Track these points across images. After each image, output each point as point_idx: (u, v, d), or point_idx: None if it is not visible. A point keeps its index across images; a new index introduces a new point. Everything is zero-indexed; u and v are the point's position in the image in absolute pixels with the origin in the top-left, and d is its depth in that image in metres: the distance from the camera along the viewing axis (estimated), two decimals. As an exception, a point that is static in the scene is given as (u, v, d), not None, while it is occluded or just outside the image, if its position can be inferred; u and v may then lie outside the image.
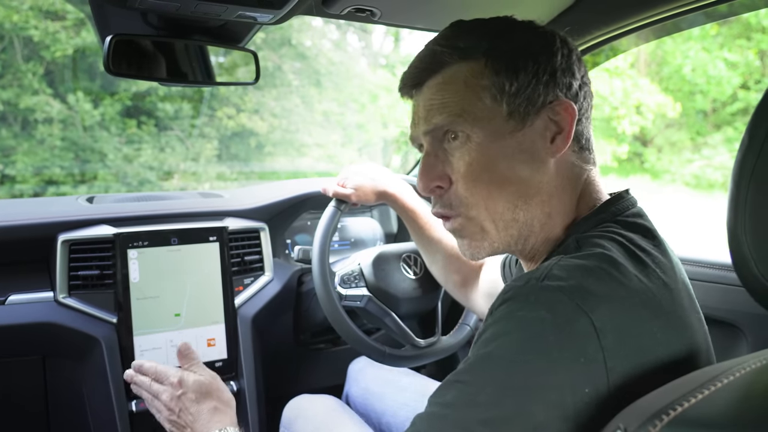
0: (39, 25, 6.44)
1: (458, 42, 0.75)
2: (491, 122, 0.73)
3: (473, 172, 0.74)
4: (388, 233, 1.95)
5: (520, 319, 0.59)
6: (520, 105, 0.72)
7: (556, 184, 0.75)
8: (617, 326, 0.58)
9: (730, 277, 1.23)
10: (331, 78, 8.67)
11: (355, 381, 1.53)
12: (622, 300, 0.60)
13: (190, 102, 7.41)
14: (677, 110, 9.38)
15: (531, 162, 0.73)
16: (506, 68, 0.72)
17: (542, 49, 0.74)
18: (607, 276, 0.61)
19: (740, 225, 0.53)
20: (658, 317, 0.61)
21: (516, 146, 0.73)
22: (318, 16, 1.23)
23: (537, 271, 0.63)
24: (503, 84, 0.72)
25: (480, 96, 0.73)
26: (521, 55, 0.73)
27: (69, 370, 1.43)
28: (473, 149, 0.73)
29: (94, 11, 1.19)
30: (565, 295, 0.58)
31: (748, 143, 0.53)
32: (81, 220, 1.42)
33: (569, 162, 0.76)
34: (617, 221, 0.72)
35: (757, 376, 0.50)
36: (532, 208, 0.74)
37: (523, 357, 0.56)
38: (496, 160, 0.73)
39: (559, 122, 0.73)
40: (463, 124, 0.73)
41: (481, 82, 0.73)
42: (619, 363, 0.56)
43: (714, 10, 1.14)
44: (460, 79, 0.74)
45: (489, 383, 0.57)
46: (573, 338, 0.56)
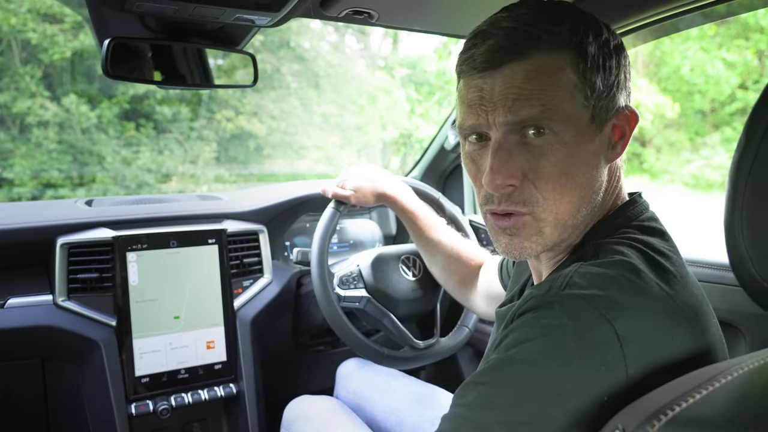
0: (37, 28, 6.43)
1: (551, 27, 0.68)
2: (578, 123, 0.68)
3: (555, 172, 0.69)
4: (386, 235, 1.96)
5: (543, 326, 0.59)
6: (602, 108, 0.70)
7: (604, 189, 0.74)
8: (640, 334, 0.58)
9: (728, 277, 1.23)
10: (330, 80, 8.67)
11: (343, 386, 1.52)
12: (644, 308, 0.60)
13: (189, 105, 7.41)
14: (676, 110, 9.39)
15: (597, 167, 0.71)
16: (597, 67, 0.69)
17: (621, 50, 0.72)
18: (629, 284, 0.61)
19: (737, 226, 0.54)
20: (679, 324, 0.61)
21: (593, 150, 0.70)
22: (316, 18, 1.23)
23: (558, 280, 0.63)
24: (595, 84, 0.69)
25: (572, 93, 0.68)
26: (608, 54, 0.70)
27: (68, 373, 1.43)
28: (560, 149, 0.68)
29: (92, 14, 1.19)
30: (588, 303, 0.58)
31: (745, 144, 0.53)
32: (80, 223, 1.43)
33: (616, 167, 0.76)
34: (633, 226, 0.72)
35: (754, 376, 0.50)
36: (587, 213, 0.73)
37: (545, 362, 0.57)
38: (577, 163, 0.69)
39: (623, 128, 0.72)
40: (554, 120, 0.67)
41: (573, 78, 0.68)
42: (639, 371, 0.56)
43: (712, 10, 1.14)
44: (553, 70, 0.67)
45: (509, 386, 0.57)
46: (595, 346, 0.56)
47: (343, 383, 1.53)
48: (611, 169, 0.75)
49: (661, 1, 1.15)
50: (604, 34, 0.70)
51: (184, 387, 1.45)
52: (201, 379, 1.47)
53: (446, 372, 1.98)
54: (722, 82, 9.12)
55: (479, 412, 0.58)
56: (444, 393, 1.37)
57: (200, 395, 1.44)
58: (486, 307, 1.27)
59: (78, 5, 5.21)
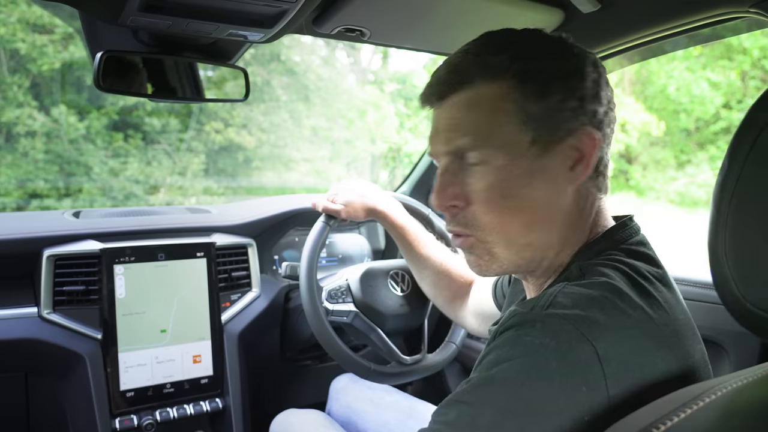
0: (26, 38, 6.40)
1: (488, 58, 0.72)
2: (514, 147, 0.70)
3: (491, 196, 0.72)
4: (375, 249, 1.96)
5: (524, 344, 0.59)
6: (545, 132, 0.70)
7: (573, 211, 0.74)
8: (621, 355, 0.58)
9: (712, 295, 1.25)
10: (320, 94, 8.69)
11: (336, 399, 1.52)
12: (626, 330, 0.60)
13: (179, 116, 7.39)
14: (661, 129, 9.51)
15: (550, 189, 0.72)
16: (535, 93, 0.70)
17: (573, 73, 0.72)
18: (612, 306, 0.61)
19: (721, 246, 0.55)
20: (661, 347, 0.62)
21: (536, 172, 0.71)
22: (308, 35, 1.24)
23: (541, 299, 0.63)
24: (530, 110, 0.70)
25: (506, 120, 0.70)
26: (551, 78, 0.71)
27: (52, 387, 1.41)
28: (493, 173, 0.71)
29: (85, 27, 1.19)
30: (570, 323, 0.59)
31: (728, 166, 0.54)
32: (67, 234, 1.41)
33: (586, 189, 0.75)
34: (621, 249, 0.72)
35: (738, 395, 0.50)
36: (548, 234, 0.73)
37: (525, 382, 0.57)
38: (515, 186, 0.71)
39: (582, 150, 0.72)
40: (486, 147, 0.71)
41: (508, 106, 0.70)
42: (620, 391, 0.57)
43: (697, 33, 1.17)
44: (486, 100, 0.71)
45: (490, 406, 0.58)
46: (576, 366, 0.57)
47: (336, 397, 1.52)
48: (582, 191, 0.75)
49: (646, 25, 1.17)
50: (549, 60, 0.72)
51: (170, 401, 1.43)
52: (187, 394, 1.45)
53: (433, 387, 1.98)
54: (707, 102, 9.26)
55: (459, 431, 0.59)
56: None
57: (186, 410, 1.43)
58: (476, 324, 1.27)
59: (69, 17, 5.20)
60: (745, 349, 1.21)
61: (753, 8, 0.97)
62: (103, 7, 1.00)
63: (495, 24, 1.23)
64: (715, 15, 1.05)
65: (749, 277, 0.52)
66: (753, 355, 1.21)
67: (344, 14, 1.14)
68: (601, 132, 0.73)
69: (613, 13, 1.16)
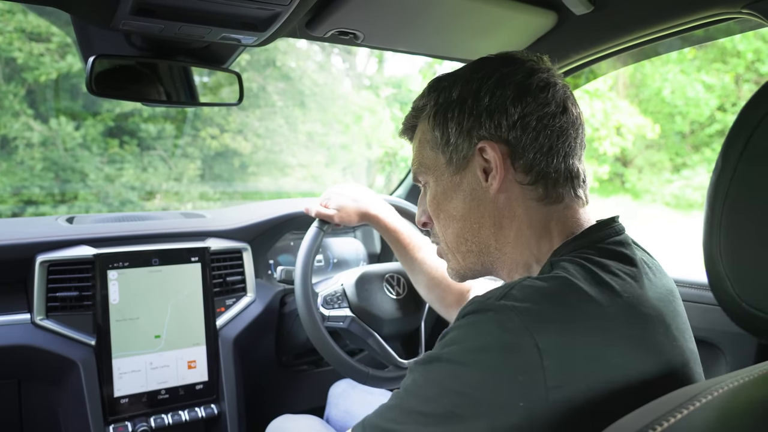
0: (23, 47, 6.39)
1: (419, 103, 0.88)
2: (437, 170, 0.85)
3: (433, 211, 0.87)
4: (371, 253, 1.95)
5: (473, 330, 0.64)
6: (453, 152, 0.82)
7: (504, 216, 0.80)
8: (564, 349, 0.60)
9: (708, 296, 1.25)
10: (315, 99, 8.70)
11: (335, 405, 1.51)
12: (573, 323, 0.62)
13: (173, 122, 7.38)
14: (656, 132, 9.55)
15: (471, 199, 0.82)
16: (438, 122, 0.83)
17: (469, 95, 0.80)
18: (562, 300, 0.64)
19: (716, 246, 0.54)
20: (614, 343, 0.63)
21: (457, 187, 0.83)
22: (302, 38, 1.24)
23: (500, 289, 0.67)
24: (436, 137, 0.83)
25: (430, 147, 0.85)
26: (450, 106, 0.81)
27: (45, 393, 1.40)
28: (430, 193, 0.87)
29: (78, 32, 1.19)
30: (516, 315, 0.62)
31: (722, 166, 0.54)
32: (60, 240, 1.41)
33: (517, 195, 0.79)
34: (596, 248, 0.73)
35: (735, 396, 0.50)
36: (483, 239, 0.83)
37: (466, 365, 0.61)
38: (444, 201, 0.85)
39: (491, 161, 0.78)
40: (422, 173, 0.88)
41: (427, 137, 0.85)
42: (562, 384, 0.59)
43: (691, 34, 1.17)
44: (421, 134, 0.87)
45: (433, 381, 0.63)
46: (515, 356, 0.60)
47: (335, 402, 1.52)
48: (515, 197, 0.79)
49: (639, 26, 1.17)
50: (452, 90, 0.82)
51: (165, 408, 1.42)
52: (182, 400, 1.44)
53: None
54: (702, 104, 9.31)
55: (407, 396, 0.65)
56: None
57: (181, 416, 1.42)
58: None
59: (66, 24, 5.19)
60: (742, 349, 1.21)
61: (745, 9, 0.98)
62: (95, 11, 0.99)
63: (489, 26, 1.24)
64: (707, 16, 1.06)
65: (744, 277, 0.52)
66: (749, 355, 1.21)
67: (338, 17, 1.14)
68: (510, 142, 0.78)
69: (606, 14, 1.16)
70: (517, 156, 0.77)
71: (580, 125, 0.81)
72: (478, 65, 0.83)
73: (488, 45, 1.32)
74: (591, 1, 1.12)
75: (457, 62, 1.45)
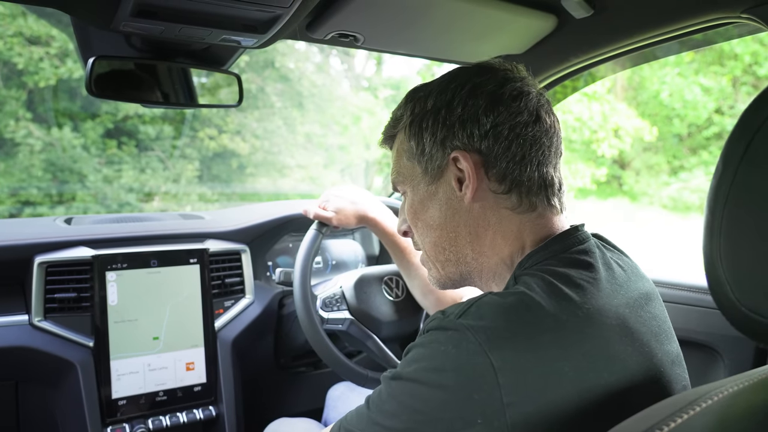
0: (23, 51, 6.38)
1: (398, 113, 0.89)
2: (414, 179, 0.86)
3: (411, 220, 0.89)
4: (369, 255, 1.95)
5: (432, 349, 0.65)
6: (428, 162, 0.83)
7: (479, 225, 0.81)
8: (518, 365, 0.61)
9: (707, 300, 1.25)
10: (314, 100, 8.70)
11: (334, 407, 1.51)
12: (528, 340, 0.63)
13: (172, 123, 7.38)
14: (654, 134, 9.56)
15: (447, 208, 0.82)
16: (414, 132, 0.84)
17: (443, 105, 0.81)
18: (517, 316, 0.64)
19: (716, 250, 0.54)
20: (570, 357, 0.63)
21: (432, 196, 0.84)
22: (302, 40, 1.24)
23: (460, 306, 0.67)
24: (412, 147, 0.85)
25: (407, 157, 0.86)
26: (425, 116, 0.82)
27: (43, 395, 1.39)
28: (408, 202, 0.89)
29: (77, 33, 1.19)
30: (472, 334, 0.63)
31: (723, 170, 0.54)
32: (58, 241, 1.40)
33: (491, 204, 0.80)
34: (559, 258, 0.73)
35: (734, 400, 0.50)
36: (460, 248, 0.83)
37: (424, 385, 0.63)
38: (421, 210, 0.86)
39: (464, 171, 0.79)
40: (400, 182, 0.89)
41: (404, 146, 0.86)
42: (518, 400, 0.60)
43: (689, 38, 1.17)
44: (399, 144, 0.89)
45: (395, 398, 0.66)
46: (470, 375, 0.61)
47: (333, 405, 1.51)
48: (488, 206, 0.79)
49: (637, 30, 1.18)
50: (427, 101, 0.83)
51: (163, 410, 1.42)
52: (180, 402, 1.44)
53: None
54: (699, 107, 9.32)
55: (373, 408, 0.68)
56: None
57: (179, 418, 1.42)
58: None
59: (66, 26, 5.18)
60: (740, 353, 1.21)
61: (744, 14, 0.98)
62: (95, 12, 0.99)
63: (488, 30, 1.24)
64: (706, 20, 1.06)
65: (744, 280, 0.52)
66: (748, 360, 1.21)
67: (338, 20, 1.14)
68: (483, 151, 0.78)
69: (606, 18, 1.16)
70: (490, 165, 0.78)
71: (555, 133, 0.81)
72: (452, 75, 0.84)
73: (488, 48, 1.32)
74: (591, 5, 1.12)
75: (457, 65, 1.45)
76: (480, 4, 1.13)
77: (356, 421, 0.70)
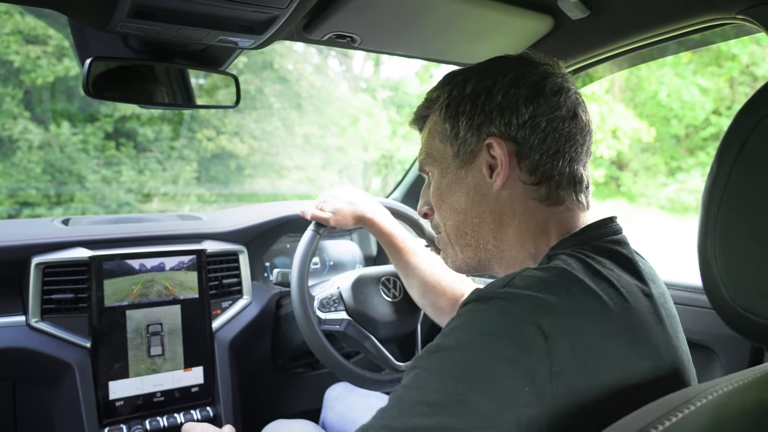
0: (20, 50, 6.37)
1: (433, 94, 0.89)
2: (444, 161, 0.86)
3: (436, 202, 0.89)
4: (367, 256, 1.95)
5: (475, 316, 0.64)
6: (461, 145, 0.83)
7: (504, 213, 0.81)
8: (567, 335, 0.60)
9: (702, 299, 1.25)
10: (312, 101, 8.70)
11: (331, 408, 1.51)
12: (575, 313, 0.63)
13: (170, 124, 7.37)
14: (652, 135, 9.57)
15: (474, 194, 0.83)
16: (450, 115, 0.84)
17: (483, 91, 0.81)
18: (564, 290, 0.64)
19: (710, 250, 0.55)
20: (614, 338, 0.63)
21: (461, 181, 0.84)
22: (299, 41, 1.24)
23: (502, 279, 0.67)
24: (446, 129, 0.85)
25: (440, 139, 0.86)
26: (463, 100, 0.82)
27: (40, 396, 1.39)
28: (434, 184, 0.88)
29: (75, 34, 1.19)
30: (521, 301, 0.62)
31: (717, 171, 0.54)
32: (56, 242, 1.40)
33: (519, 194, 0.80)
34: (592, 245, 0.74)
35: (729, 399, 0.50)
36: (482, 235, 0.84)
37: (470, 351, 0.61)
38: (447, 193, 0.86)
39: (497, 158, 0.79)
40: (429, 163, 0.89)
41: (436, 128, 0.87)
42: (565, 369, 0.59)
43: (687, 39, 1.18)
44: (432, 125, 0.88)
45: (437, 370, 0.62)
46: (519, 341, 0.59)
47: (331, 405, 1.51)
48: (517, 195, 0.80)
49: (635, 31, 1.18)
50: (466, 85, 0.83)
51: (160, 410, 1.42)
52: (177, 403, 1.44)
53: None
54: (697, 108, 9.33)
55: (408, 391, 0.63)
56: None
57: (176, 419, 1.42)
58: None
59: (63, 26, 5.18)
60: (735, 352, 1.22)
61: (740, 15, 0.98)
62: (92, 13, 0.99)
63: (485, 30, 1.24)
64: (703, 21, 1.06)
65: (739, 280, 0.53)
66: (743, 359, 1.21)
67: (335, 21, 1.14)
68: (518, 141, 0.79)
69: (603, 19, 1.16)
70: (523, 155, 0.79)
71: (588, 133, 0.82)
72: (494, 63, 0.85)
73: (485, 49, 1.33)
74: (587, 6, 1.12)
75: (454, 65, 1.45)
76: (477, 5, 1.13)
77: (386, 415, 0.63)
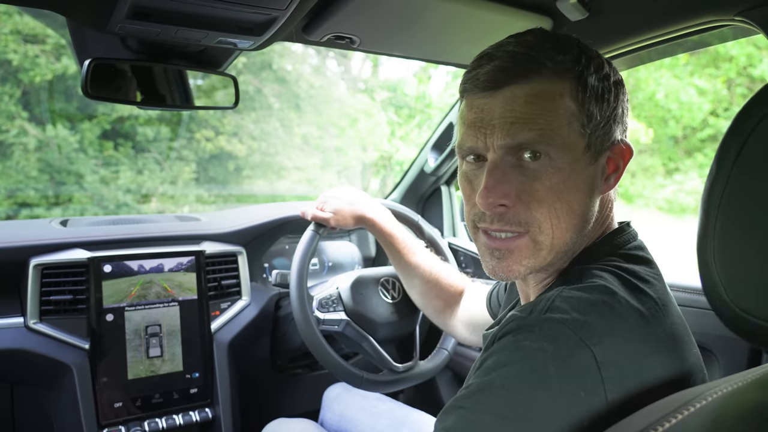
0: (18, 49, 6.36)
1: (554, 55, 0.70)
2: (573, 150, 0.70)
3: (550, 197, 0.70)
4: (366, 257, 1.95)
5: (523, 349, 0.59)
6: (598, 139, 0.71)
7: (595, 219, 0.75)
8: (619, 360, 0.58)
9: (701, 300, 1.25)
10: (311, 102, 8.69)
11: (330, 408, 1.51)
12: (623, 334, 0.60)
13: (169, 124, 7.36)
14: (650, 136, 9.58)
15: (590, 196, 0.72)
16: (596, 98, 0.70)
17: (619, 85, 0.74)
18: (609, 310, 0.61)
19: (709, 251, 0.55)
20: (658, 351, 0.62)
21: (587, 179, 0.71)
22: (298, 42, 1.24)
23: (540, 303, 0.63)
24: (592, 114, 0.70)
25: (570, 120, 0.69)
26: (607, 87, 0.72)
27: (38, 398, 1.39)
28: (555, 174, 0.69)
29: (73, 35, 1.19)
30: (568, 328, 0.59)
31: (716, 172, 0.54)
32: (54, 243, 1.40)
33: (609, 199, 0.78)
34: (619, 254, 0.72)
35: (728, 400, 0.50)
36: (577, 240, 0.73)
37: (524, 387, 0.57)
38: (571, 190, 0.70)
39: (617, 161, 0.74)
40: (551, 146, 0.69)
41: (572, 106, 0.69)
42: (619, 396, 0.57)
43: (685, 40, 1.18)
44: (553, 96, 0.69)
45: (488, 411, 0.57)
46: (574, 371, 0.56)
47: (329, 405, 1.51)
48: (603, 200, 0.76)
49: (635, 32, 1.18)
50: (605, 69, 0.73)
51: (159, 412, 1.42)
52: (176, 404, 1.44)
53: (425, 395, 1.97)
54: (695, 109, 9.34)
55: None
56: (432, 419, 1.36)
57: (175, 420, 1.41)
58: (467, 333, 1.27)
59: (61, 26, 5.16)
60: (735, 353, 1.22)
61: (738, 16, 0.98)
62: (91, 14, 0.99)
63: (484, 32, 1.24)
64: (701, 23, 1.06)
65: (738, 281, 0.53)
66: (742, 360, 1.21)
67: (334, 22, 1.14)
68: (628, 144, 0.76)
69: (601, 21, 1.16)
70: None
71: None
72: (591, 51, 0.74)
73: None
74: (586, 8, 1.12)
75: (453, 67, 1.45)
76: (475, 6, 1.13)
77: None
